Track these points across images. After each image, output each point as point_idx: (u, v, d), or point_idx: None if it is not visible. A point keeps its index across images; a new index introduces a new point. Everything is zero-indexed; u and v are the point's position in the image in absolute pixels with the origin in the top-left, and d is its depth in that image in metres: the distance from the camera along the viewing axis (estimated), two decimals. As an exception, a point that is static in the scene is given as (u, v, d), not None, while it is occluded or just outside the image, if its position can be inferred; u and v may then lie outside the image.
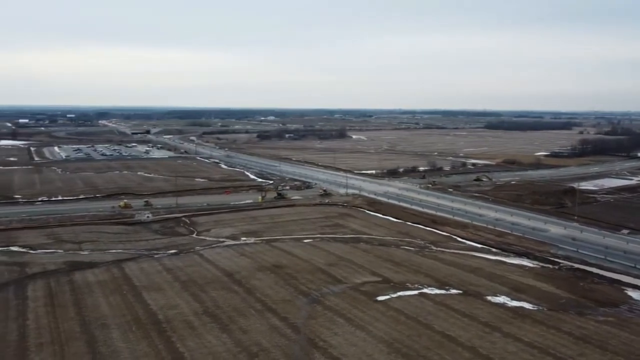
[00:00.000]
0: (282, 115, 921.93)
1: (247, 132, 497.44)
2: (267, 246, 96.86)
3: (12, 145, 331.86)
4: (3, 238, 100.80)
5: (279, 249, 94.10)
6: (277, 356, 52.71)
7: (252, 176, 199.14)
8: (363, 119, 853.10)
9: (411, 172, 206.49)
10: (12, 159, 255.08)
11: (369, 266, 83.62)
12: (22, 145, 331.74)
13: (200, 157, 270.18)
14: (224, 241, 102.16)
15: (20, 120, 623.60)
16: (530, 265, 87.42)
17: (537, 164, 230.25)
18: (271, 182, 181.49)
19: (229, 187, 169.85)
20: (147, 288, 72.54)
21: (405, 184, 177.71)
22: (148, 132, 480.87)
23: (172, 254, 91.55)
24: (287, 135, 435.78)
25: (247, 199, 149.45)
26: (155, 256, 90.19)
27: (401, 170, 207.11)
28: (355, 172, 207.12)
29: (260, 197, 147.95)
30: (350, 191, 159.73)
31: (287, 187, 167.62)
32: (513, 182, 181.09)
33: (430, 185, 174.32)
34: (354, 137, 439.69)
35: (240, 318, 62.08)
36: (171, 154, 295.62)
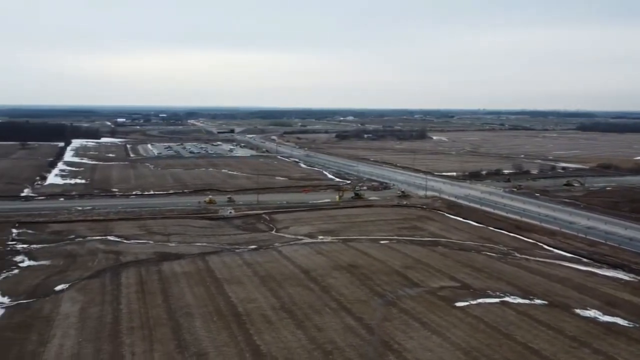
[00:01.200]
0: (361, 115, 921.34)
1: (326, 132, 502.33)
2: (343, 245, 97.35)
3: (111, 143, 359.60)
4: (102, 228, 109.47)
5: (355, 249, 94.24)
6: (351, 356, 52.84)
7: (330, 176, 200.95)
8: (444, 119, 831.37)
9: (495, 175, 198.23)
10: (110, 155, 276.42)
11: (447, 270, 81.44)
12: (120, 143, 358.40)
13: (281, 156, 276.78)
14: (301, 239, 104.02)
15: (119, 120, 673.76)
16: (627, 278, 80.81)
17: (637, 169, 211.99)
18: (349, 182, 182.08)
19: (308, 186, 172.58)
20: (229, 281, 75.56)
21: (488, 187, 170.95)
22: (232, 131, 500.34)
23: (252, 249, 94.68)
24: (365, 136, 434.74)
25: (325, 198, 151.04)
26: (237, 251, 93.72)
27: (484, 172, 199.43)
28: (435, 173, 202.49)
29: (337, 197, 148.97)
30: (429, 193, 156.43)
31: (365, 188, 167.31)
32: (608, 188, 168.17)
33: (515, 189, 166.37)
34: (434, 138, 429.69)
35: (316, 315, 62.92)
36: (253, 152, 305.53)
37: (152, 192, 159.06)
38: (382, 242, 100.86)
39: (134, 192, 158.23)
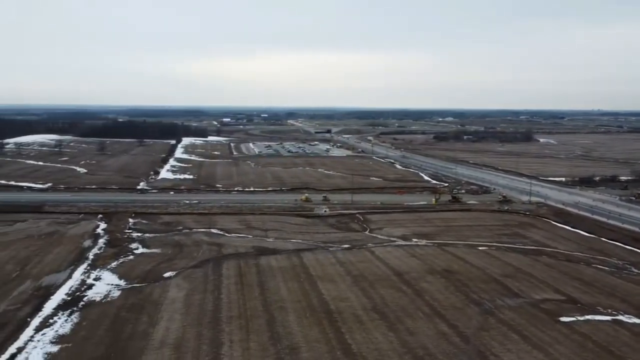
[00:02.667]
0: (461, 116, 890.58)
1: (423, 133, 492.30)
2: (438, 250, 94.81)
3: (216, 141, 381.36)
4: (206, 221, 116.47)
5: (450, 254, 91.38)
6: (444, 363, 51.34)
7: (426, 177, 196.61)
8: (553, 120, 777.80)
9: (610, 181, 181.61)
10: (216, 152, 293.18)
11: (551, 282, 76.15)
12: (225, 141, 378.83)
13: (377, 157, 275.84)
14: (395, 240, 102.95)
15: (224, 119, 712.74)
16: None
17: None
18: (446, 184, 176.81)
19: (403, 187, 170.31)
20: (322, 278, 76.84)
21: (602, 195, 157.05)
22: (329, 131, 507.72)
23: (346, 249, 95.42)
24: (465, 137, 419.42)
25: (421, 200, 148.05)
26: (330, 249, 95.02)
27: (597, 178, 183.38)
28: (541, 178, 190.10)
29: (434, 199, 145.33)
30: (533, 199, 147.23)
31: (463, 191, 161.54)
32: None
33: (633, 198, 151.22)
34: (541, 140, 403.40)
35: (408, 319, 61.95)
36: (349, 152, 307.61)
37: (252, 189, 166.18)
38: (480, 248, 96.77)
39: (235, 188, 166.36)
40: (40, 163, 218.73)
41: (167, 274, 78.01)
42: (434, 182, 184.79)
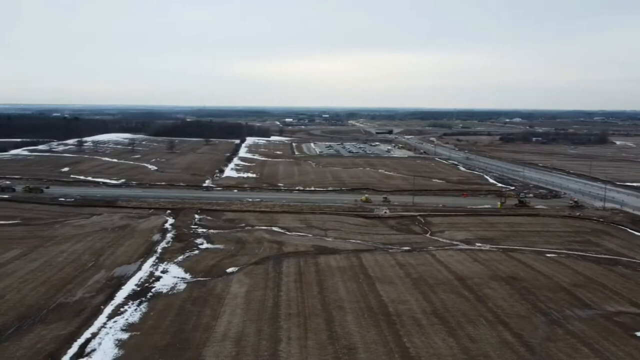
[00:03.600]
0: (529, 116, 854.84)
1: (489, 134, 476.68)
2: (503, 255, 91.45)
3: (279, 141, 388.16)
4: (268, 219, 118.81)
5: (516, 260, 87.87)
6: (507, 373, 49.48)
7: (491, 180, 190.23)
8: (632, 122, 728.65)
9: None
10: (278, 152, 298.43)
11: (627, 294, 71.43)
12: (287, 141, 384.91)
13: (439, 158, 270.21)
14: (457, 244, 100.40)
15: (287, 120, 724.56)
16: None
17: None
18: (512, 187, 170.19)
19: (467, 190, 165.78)
20: (380, 280, 76.27)
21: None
22: (390, 132, 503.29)
23: (406, 251, 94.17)
24: (534, 139, 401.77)
25: (485, 203, 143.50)
26: (390, 251, 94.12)
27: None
28: (617, 183, 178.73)
29: (499, 203, 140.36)
30: (608, 205, 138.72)
31: (531, 195, 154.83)
32: None
33: None
34: (617, 143, 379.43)
35: (469, 325, 60.22)
36: (410, 153, 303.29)
37: (312, 189, 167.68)
38: (548, 255, 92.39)
39: (296, 188, 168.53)
40: (115, 160, 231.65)
41: (229, 270, 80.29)
42: (500, 185, 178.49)
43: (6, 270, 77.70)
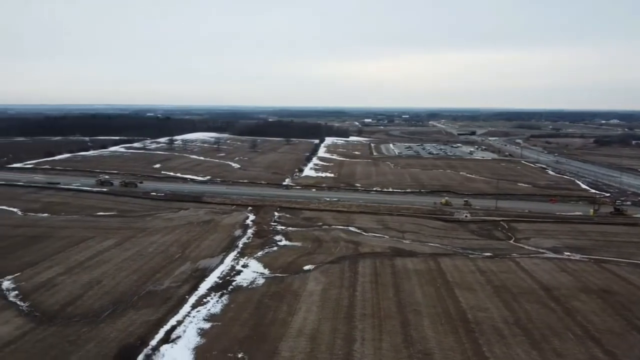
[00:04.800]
0: (629, 118, 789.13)
1: (582, 136, 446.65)
2: (595, 266, 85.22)
3: (357, 141, 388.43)
4: (344, 219, 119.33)
5: (610, 272, 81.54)
6: (597, 393, 46.08)
7: (583, 186, 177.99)
8: None
9: None
10: (356, 152, 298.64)
11: None
12: (365, 141, 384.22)
13: (525, 161, 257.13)
14: (543, 252, 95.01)
15: (365, 120, 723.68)
16: None
17: None
18: (607, 194, 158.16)
19: (555, 195, 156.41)
20: (459, 285, 73.99)
21: None
22: (473, 133, 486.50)
23: (487, 257, 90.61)
24: (634, 142, 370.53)
25: (576, 210, 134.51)
26: (470, 256, 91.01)
27: None
28: None
29: (591, 211, 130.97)
30: None
31: (629, 203, 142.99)
32: None
33: None
34: None
35: (555, 339, 56.77)
36: (494, 156, 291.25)
37: (390, 190, 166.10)
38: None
39: (374, 188, 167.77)
40: (202, 158, 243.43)
41: (306, 267, 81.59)
42: (593, 191, 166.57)
43: (104, 257, 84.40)
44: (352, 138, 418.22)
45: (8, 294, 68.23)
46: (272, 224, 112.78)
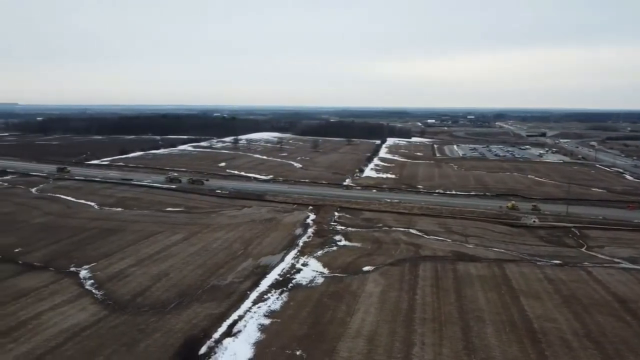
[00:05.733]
0: None
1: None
2: (678, 279, 79.02)
3: (420, 142, 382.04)
4: (405, 220, 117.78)
5: (696, 286, 75.31)
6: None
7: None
8: None
9: None
10: (418, 153, 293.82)
11: None
12: (428, 142, 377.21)
13: (600, 165, 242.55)
14: (619, 262, 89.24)
15: (428, 121, 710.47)
16: None
17: None
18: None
19: (634, 201, 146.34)
20: (525, 293, 71.04)
21: None
22: (543, 134, 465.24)
23: (556, 265, 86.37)
24: None
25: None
26: (538, 263, 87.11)
27: None
28: None
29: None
30: None
31: None
32: None
33: None
34: None
35: (631, 355, 53.21)
36: (566, 159, 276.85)
37: (453, 192, 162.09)
38: None
39: (437, 190, 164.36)
40: (265, 157, 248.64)
41: (365, 268, 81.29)
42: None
43: (171, 251, 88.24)
44: (414, 139, 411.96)
45: (85, 282, 72.96)
46: (332, 223, 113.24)
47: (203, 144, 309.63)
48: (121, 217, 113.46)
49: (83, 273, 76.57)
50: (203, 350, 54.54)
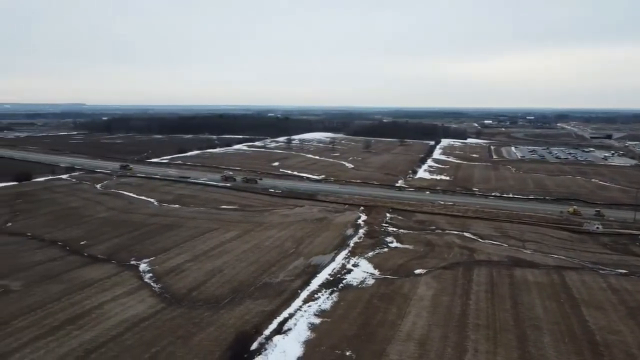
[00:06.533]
0: None
1: None
2: None
3: (475, 143, 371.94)
4: (459, 223, 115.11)
5: None
6: None
7: None
8: None
9: None
10: (474, 155, 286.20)
11: None
12: (484, 144, 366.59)
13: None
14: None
15: (485, 121, 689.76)
16: None
17: None
18: None
19: None
20: (587, 303, 67.74)
21: None
22: (609, 136, 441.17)
23: (621, 274, 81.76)
24: None
25: None
26: (601, 272, 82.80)
27: None
28: None
29: None
30: None
31: None
32: None
33: None
34: None
35: None
36: (635, 162, 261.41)
37: (510, 195, 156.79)
38: None
39: (493, 193, 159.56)
40: (317, 157, 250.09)
41: (417, 271, 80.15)
42: None
43: (225, 248, 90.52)
44: (470, 140, 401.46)
45: (144, 275, 76.15)
46: (384, 225, 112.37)
47: (257, 143, 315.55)
48: (179, 214, 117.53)
49: (142, 266, 79.93)
50: (254, 346, 55.60)
